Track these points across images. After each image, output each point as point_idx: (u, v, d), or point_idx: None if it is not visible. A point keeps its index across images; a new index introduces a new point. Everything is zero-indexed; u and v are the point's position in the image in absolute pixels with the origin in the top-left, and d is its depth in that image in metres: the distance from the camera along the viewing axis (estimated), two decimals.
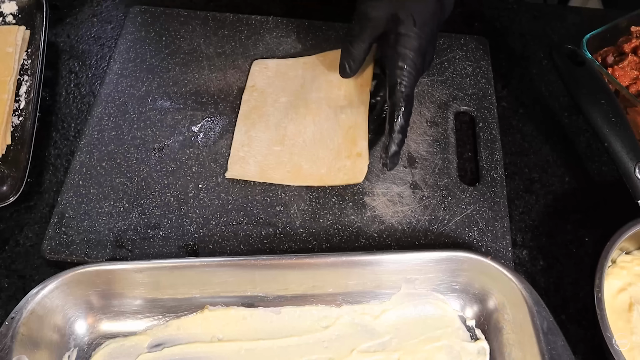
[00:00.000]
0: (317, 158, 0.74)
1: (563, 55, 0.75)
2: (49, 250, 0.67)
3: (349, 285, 0.64)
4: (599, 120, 0.70)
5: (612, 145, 0.68)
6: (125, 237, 0.69)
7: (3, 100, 0.74)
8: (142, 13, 0.88)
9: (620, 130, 0.69)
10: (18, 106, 0.76)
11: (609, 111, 0.70)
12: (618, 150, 0.68)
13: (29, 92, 0.76)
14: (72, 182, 0.72)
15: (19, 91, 0.77)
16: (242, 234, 0.70)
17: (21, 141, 0.72)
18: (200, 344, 0.63)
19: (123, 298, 0.63)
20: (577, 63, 0.74)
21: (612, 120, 0.69)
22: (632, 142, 0.68)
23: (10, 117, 0.74)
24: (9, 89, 0.75)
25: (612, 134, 0.69)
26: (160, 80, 0.81)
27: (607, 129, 0.69)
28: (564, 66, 0.75)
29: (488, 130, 0.79)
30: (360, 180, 0.72)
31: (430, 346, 0.63)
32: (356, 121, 0.76)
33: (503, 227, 0.71)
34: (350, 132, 0.75)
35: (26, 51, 0.80)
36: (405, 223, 0.71)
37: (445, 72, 0.84)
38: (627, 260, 0.68)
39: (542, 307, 0.59)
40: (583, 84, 0.73)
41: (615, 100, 0.71)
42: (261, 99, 0.79)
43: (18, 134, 0.73)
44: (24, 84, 0.77)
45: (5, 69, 0.76)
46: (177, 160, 0.75)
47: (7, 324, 0.57)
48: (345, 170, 0.73)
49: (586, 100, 0.71)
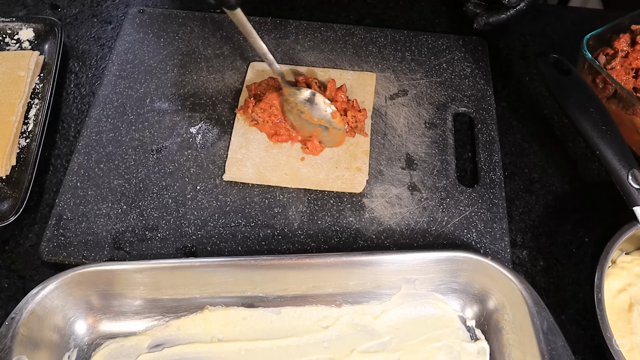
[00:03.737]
0: (315, 163, 0.74)
1: (549, 65, 0.75)
2: (46, 252, 0.67)
3: (349, 285, 0.64)
4: (588, 128, 0.69)
5: (603, 153, 0.68)
6: (123, 238, 0.69)
7: (10, 122, 0.76)
8: (140, 14, 0.88)
9: (611, 138, 0.68)
10: (26, 128, 0.77)
11: (599, 119, 0.69)
12: (610, 158, 0.67)
13: (37, 115, 0.78)
14: (70, 184, 0.72)
15: (29, 114, 0.78)
16: (240, 236, 0.70)
17: (25, 163, 0.73)
18: (200, 344, 0.63)
19: (123, 298, 0.63)
20: (563, 72, 0.74)
21: (602, 128, 0.69)
22: (623, 149, 0.68)
23: (17, 138, 0.75)
24: (18, 111, 0.77)
25: (602, 142, 0.68)
26: (159, 82, 0.81)
27: (597, 137, 0.68)
28: (550, 75, 0.74)
29: (487, 132, 0.79)
30: (358, 190, 0.73)
31: (430, 346, 0.63)
32: (357, 140, 0.76)
33: (502, 228, 0.71)
34: (351, 148, 0.76)
35: (39, 76, 0.82)
36: (404, 225, 0.71)
37: (443, 74, 0.84)
38: (627, 261, 0.68)
39: (542, 307, 0.59)
40: (570, 93, 0.72)
41: (604, 107, 0.70)
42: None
43: (23, 156, 0.74)
44: (33, 107, 0.79)
45: (15, 92, 0.78)
46: (175, 162, 0.75)
47: (7, 324, 0.57)
48: (344, 180, 0.73)
49: (574, 110, 0.71)
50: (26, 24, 0.85)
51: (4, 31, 0.85)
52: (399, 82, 0.83)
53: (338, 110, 0.75)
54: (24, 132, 0.76)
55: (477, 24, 0.81)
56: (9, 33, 0.85)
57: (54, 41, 0.83)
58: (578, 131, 0.70)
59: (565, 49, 0.83)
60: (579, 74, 0.74)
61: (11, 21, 0.85)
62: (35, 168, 0.72)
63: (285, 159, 0.74)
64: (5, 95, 0.78)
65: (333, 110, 0.74)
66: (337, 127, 0.74)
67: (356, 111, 0.77)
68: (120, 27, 0.87)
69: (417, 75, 0.84)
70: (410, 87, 0.82)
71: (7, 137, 0.74)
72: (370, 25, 0.91)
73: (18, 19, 0.85)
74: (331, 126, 0.74)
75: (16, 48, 0.84)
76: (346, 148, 0.76)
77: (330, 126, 0.74)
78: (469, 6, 0.82)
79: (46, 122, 0.76)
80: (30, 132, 0.76)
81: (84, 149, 0.75)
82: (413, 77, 0.83)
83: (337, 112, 0.74)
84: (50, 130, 0.78)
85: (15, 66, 0.80)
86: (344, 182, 0.73)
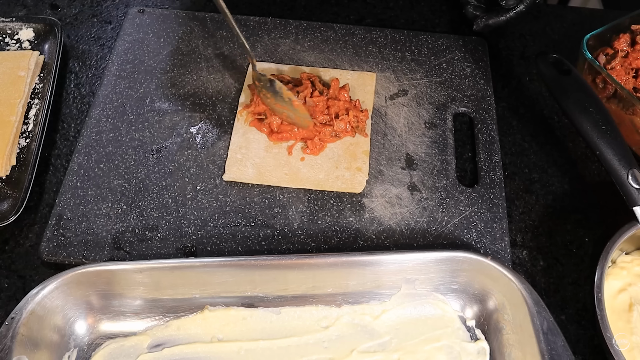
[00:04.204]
0: (315, 163, 0.74)
1: (548, 65, 0.75)
2: (46, 252, 0.67)
3: (349, 285, 0.64)
4: (588, 128, 0.69)
5: (603, 153, 0.68)
6: (123, 239, 0.69)
7: (10, 122, 0.76)
8: (140, 14, 0.88)
9: (611, 138, 0.68)
10: (26, 128, 0.77)
11: (598, 119, 0.69)
12: (610, 158, 0.67)
13: (37, 115, 0.78)
14: (70, 184, 0.72)
15: (29, 114, 0.78)
16: (240, 236, 0.70)
17: (25, 163, 0.73)
18: (200, 344, 0.63)
19: (123, 298, 0.63)
20: (563, 72, 0.74)
21: (602, 128, 0.69)
22: (623, 149, 0.68)
23: (17, 138, 0.75)
24: (18, 111, 0.77)
25: (602, 142, 0.68)
26: (159, 82, 0.81)
27: (597, 137, 0.68)
28: (550, 75, 0.74)
29: (487, 132, 0.79)
30: (358, 190, 0.73)
31: (430, 346, 0.63)
32: (357, 140, 0.76)
33: (502, 228, 0.71)
34: (351, 148, 0.76)
35: (39, 76, 0.82)
36: (404, 225, 0.71)
37: (444, 74, 0.84)
38: (627, 261, 0.68)
39: (542, 307, 0.59)
40: (570, 93, 0.72)
41: (604, 107, 0.70)
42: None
43: (23, 156, 0.74)
44: (33, 107, 0.79)
45: (15, 92, 0.78)
46: (175, 162, 0.75)
47: (7, 324, 0.57)
48: (344, 180, 0.73)
49: (574, 109, 0.71)
50: (26, 24, 0.85)
51: (4, 31, 0.85)
52: (399, 82, 0.83)
53: (340, 109, 0.75)
54: (24, 132, 0.77)
55: (476, 26, 0.82)
56: (9, 33, 0.85)
57: (54, 41, 0.83)
58: (578, 131, 0.70)
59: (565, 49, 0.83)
60: (579, 74, 0.73)
61: (11, 21, 0.85)
62: (35, 168, 0.72)
63: (285, 158, 0.74)
64: (5, 95, 0.78)
65: (294, 99, 0.74)
66: (301, 115, 0.73)
67: (358, 111, 0.77)
68: (120, 27, 0.87)
69: (417, 75, 0.84)
70: (410, 87, 0.82)
71: (7, 137, 0.74)
72: (370, 25, 0.91)
73: (18, 19, 0.85)
74: (295, 114, 0.73)
75: (16, 48, 0.84)
76: (346, 148, 0.76)
77: (295, 114, 0.73)
78: (468, 8, 0.83)
79: (46, 122, 0.76)
80: (30, 132, 0.76)
81: (84, 149, 0.75)
82: (413, 77, 0.83)
83: (299, 103, 0.74)
84: (50, 130, 0.78)
85: (15, 66, 0.80)
86: (344, 182, 0.73)
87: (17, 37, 0.85)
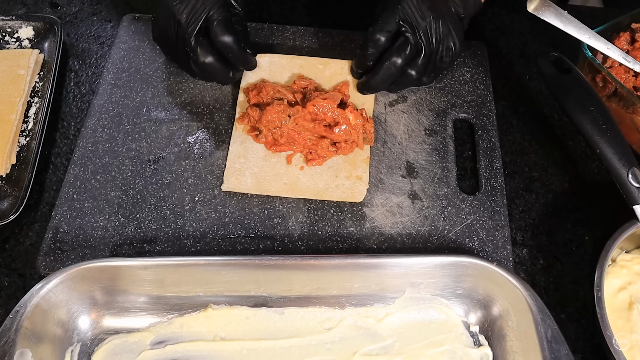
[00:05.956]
0: (315, 172, 0.73)
1: (548, 63, 0.75)
2: (43, 266, 0.66)
3: (353, 287, 0.64)
4: (588, 127, 0.69)
5: (603, 152, 0.68)
6: (120, 252, 0.68)
7: (10, 120, 0.75)
8: (135, 21, 0.86)
9: (611, 137, 0.68)
10: (26, 127, 0.77)
11: (599, 118, 0.69)
12: (610, 157, 0.67)
13: (37, 114, 0.78)
14: (67, 196, 0.71)
15: (28, 112, 0.78)
16: (239, 248, 0.69)
17: (25, 161, 0.73)
18: (202, 343, 0.63)
19: (127, 294, 0.63)
20: (563, 70, 0.74)
21: (602, 127, 0.69)
22: (623, 148, 0.68)
23: (17, 137, 0.75)
24: (18, 110, 0.76)
25: (602, 140, 0.68)
26: (155, 90, 0.80)
27: (597, 135, 0.68)
28: (550, 74, 0.74)
29: (487, 138, 0.78)
30: (359, 200, 0.72)
31: (433, 351, 0.63)
32: (357, 149, 0.75)
33: (504, 236, 0.70)
34: (351, 156, 0.74)
35: (38, 74, 0.81)
36: (405, 234, 0.70)
37: (443, 79, 0.83)
38: (627, 259, 0.69)
39: (547, 315, 0.59)
40: (570, 91, 0.72)
41: (604, 106, 0.71)
42: None
43: (23, 154, 0.74)
44: (33, 105, 0.79)
45: (15, 90, 0.78)
46: (173, 173, 0.73)
47: (11, 317, 0.57)
48: (344, 189, 0.72)
49: (574, 108, 0.71)
50: (26, 22, 0.85)
51: (4, 29, 0.84)
52: None
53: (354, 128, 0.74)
54: (24, 130, 0.76)
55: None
56: (8, 31, 0.85)
57: (54, 39, 0.83)
58: (578, 130, 0.71)
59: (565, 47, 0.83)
60: (579, 73, 0.74)
61: (11, 19, 0.85)
62: (35, 166, 0.72)
63: (284, 168, 0.73)
64: (5, 93, 0.77)
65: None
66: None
67: (365, 120, 0.75)
68: (116, 34, 0.85)
69: None
70: (410, 93, 0.81)
71: (7, 136, 0.74)
72: None
73: (18, 17, 0.85)
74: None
75: (16, 46, 0.84)
76: (346, 156, 0.74)
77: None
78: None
79: (46, 120, 0.76)
80: (30, 131, 0.76)
81: (79, 160, 0.73)
82: None
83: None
84: (50, 129, 0.78)
85: (15, 64, 0.80)
86: (344, 192, 0.72)
87: (16, 36, 0.84)
